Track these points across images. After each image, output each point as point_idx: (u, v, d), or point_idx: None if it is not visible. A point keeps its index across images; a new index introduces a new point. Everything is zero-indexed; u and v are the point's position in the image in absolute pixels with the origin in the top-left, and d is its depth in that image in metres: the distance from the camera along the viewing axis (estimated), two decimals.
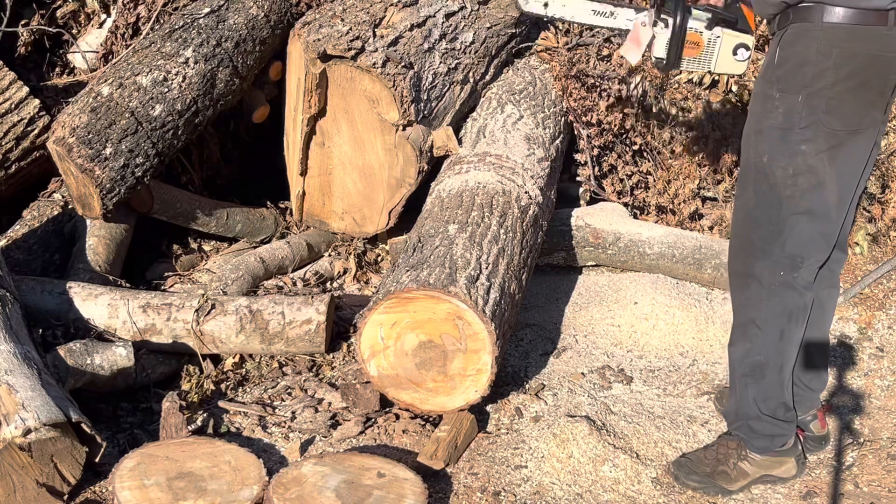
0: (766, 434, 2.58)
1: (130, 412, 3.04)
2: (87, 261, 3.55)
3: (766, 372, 2.52)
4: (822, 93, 2.28)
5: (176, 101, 3.59)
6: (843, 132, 2.31)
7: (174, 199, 3.85)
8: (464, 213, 3.18)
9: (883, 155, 3.81)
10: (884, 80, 2.31)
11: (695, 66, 2.62)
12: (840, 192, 2.40)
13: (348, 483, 2.44)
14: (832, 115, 2.29)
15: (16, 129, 3.78)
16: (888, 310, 3.54)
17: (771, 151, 2.37)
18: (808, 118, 2.30)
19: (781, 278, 2.44)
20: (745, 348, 2.55)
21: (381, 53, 3.54)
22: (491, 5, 4.11)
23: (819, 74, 2.27)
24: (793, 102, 2.32)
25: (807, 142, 2.32)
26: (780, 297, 2.46)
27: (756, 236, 2.46)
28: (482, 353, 2.75)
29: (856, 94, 2.29)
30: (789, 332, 2.49)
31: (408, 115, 3.56)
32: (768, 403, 2.55)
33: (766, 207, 2.42)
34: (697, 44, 2.58)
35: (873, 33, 2.24)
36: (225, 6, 3.87)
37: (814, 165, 2.33)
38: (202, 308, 3.18)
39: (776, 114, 2.35)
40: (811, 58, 2.27)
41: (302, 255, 3.93)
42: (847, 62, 2.26)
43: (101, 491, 2.61)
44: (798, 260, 2.42)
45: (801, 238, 2.40)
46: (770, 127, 2.38)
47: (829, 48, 2.25)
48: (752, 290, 2.49)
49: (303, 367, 3.25)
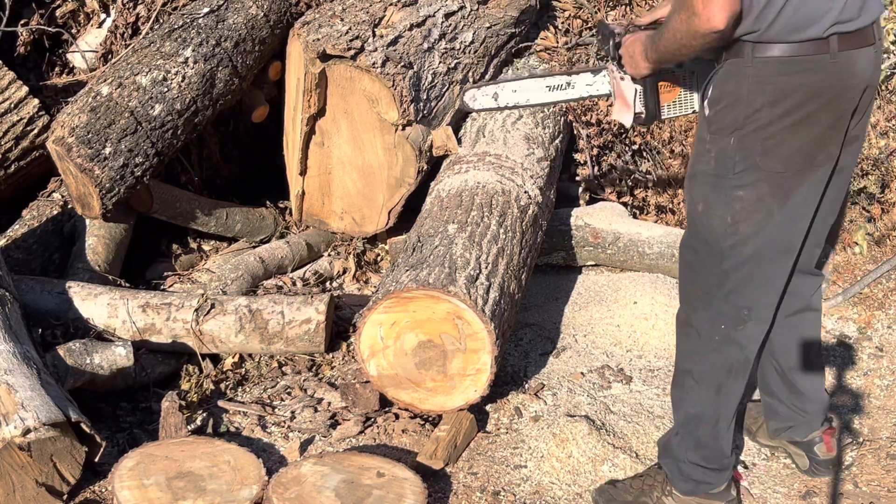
0: (692, 478, 2.45)
1: (130, 412, 3.04)
2: (86, 260, 3.55)
3: (699, 424, 2.38)
4: (757, 133, 2.07)
5: (175, 100, 3.59)
6: (788, 174, 2.10)
7: (174, 198, 3.85)
8: (463, 212, 3.18)
9: (883, 155, 3.81)
10: (835, 113, 2.09)
11: (678, 111, 2.44)
12: (794, 234, 2.21)
13: (348, 483, 2.43)
14: (770, 157, 2.08)
15: (15, 129, 3.78)
16: (888, 309, 3.54)
17: (705, 199, 2.18)
18: (742, 162, 2.10)
19: (723, 332, 2.27)
20: (680, 397, 2.42)
21: (380, 53, 3.54)
22: (490, 5, 4.11)
23: (751, 115, 2.06)
24: (724, 146, 2.11)
25: (744, 187, 2.11)
26: (719, 351, 2.29)
27: (696, 287, 2.29)
28: (482, 352, 2.75)
29: (797, 132, 2.07)
30: (728, 386, 2.34)
31: (407, 115, 3.56)
32: (700, 452, 2.41)
33: (706, 259, 2.22)
34: (672, 85, 2.41)
35: (813, 64, 2.03)
36: (224, 6, 3.87)
37: (756, 210, 2.13)
38: (202, 308, 3.18)
39: (707, 158, 2.15)
40: (742, 97, 2.06)
41: (301, 254, 3.93)
42: (784, 98, 2.04)
43: (100, 490, 2.61)
44: (744, 312, 2.24)
45: (748, 288, 2.22)
46: (702, 173, 2.18)
47: (762, 85, 2.04)
48: (691, 340, 2.34)
49: (302, 367, 3.25)
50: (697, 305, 2.30)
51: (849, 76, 2.06)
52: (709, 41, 2.03)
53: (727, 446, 2.44)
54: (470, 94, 2.74)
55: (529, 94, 2.66)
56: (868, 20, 2.08)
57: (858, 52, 2.06)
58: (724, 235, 2.17)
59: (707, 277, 2.24)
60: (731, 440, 2.45)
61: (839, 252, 3.85)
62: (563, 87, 2.62)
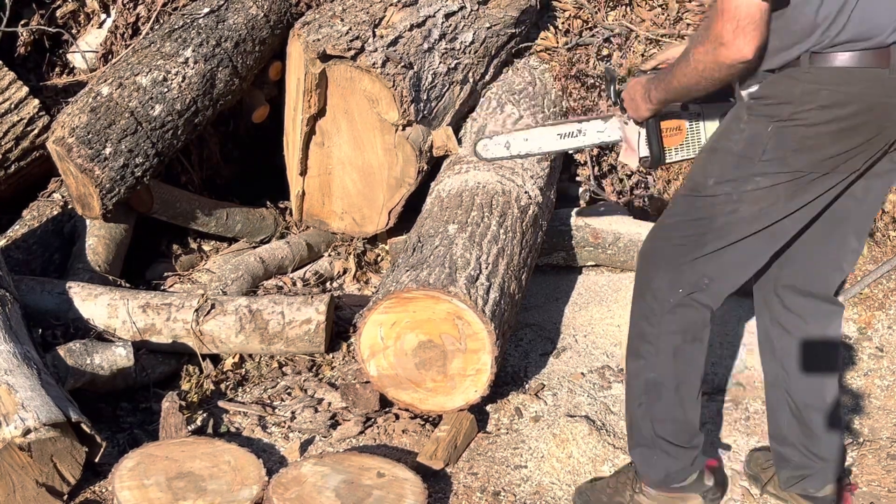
0: (661, 465, 2.37)
1: (130, 412, 3.04)
2: (86, 261, 3.55)
3: (661, 391, 2.31)
4: (797, 130, 2.03)
5: (175, 100, 3.59)
6: (811, 175, 2.08)
7: (174, 198, 3.85)
8: (463, 212, 3.18)
9: None
10: (877, 129, 2.04)
11: (685, 154, 2.42)
12: (786, 228, 2.18)
13: (348, 483, 2.43)
14: (802, 156, 2.05)
15: (15, 129, 3.78)
16: (888, 310, 3.54)
17: (720, 175, 2.13)
18: (772, 151, 2.06)
19: (679, 295, 2.23)
20: (636, 365, 2.35)
21: (380, 53, 3.54)
22: (491, 5, 4.11)
23: (799, 112, 2.03)
24: (760, 130, 2.07)
25: (765, 175, 2.08)
26: (674, 313, 2.25)
27: (668, 246, 2.24)
28: (482, 352, 2.75)
29: (838, 140, 2.04)
30: (684, 350, 2.28)
31: (407, 115, 3.56)
32: (665, 426, 2.34)
33: (693, 223, 2.19)
34: (679, 129, 2.38)
35: (872, 76, 1.99)
36: (224, 6, 3.87)
37: (765, 198, 2.11)
38: (202, 308, 3.18)
39: (739, 137, 2.11)
40: (795, 97, 2.03)
41: (302, 254, 3.93)
42: (836, 105, 2.00)
43: (100, 491, 2.61)
44: (704, 281, 2.21)
45: (718, 261, 2.19)
46: (725, 150, 2.14)
47: (818, 89, 2.00)
48: (647, 301, 2.29)
49: (302, 367, 3.25)
50: (661, 265, 2.25)
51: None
52: (734, 72, 2.01)
53: (694, 418, 2.36)
54: (482, 143, 2.74)
55: (541, 142, 2.67)
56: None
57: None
58: (723, 210, 2.14)
59: (684, 239, 2.20)
60: (699, 414, 2.37)
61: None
62: (575, 135, 2.62)
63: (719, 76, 2.03)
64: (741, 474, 2.69)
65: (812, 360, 2.39)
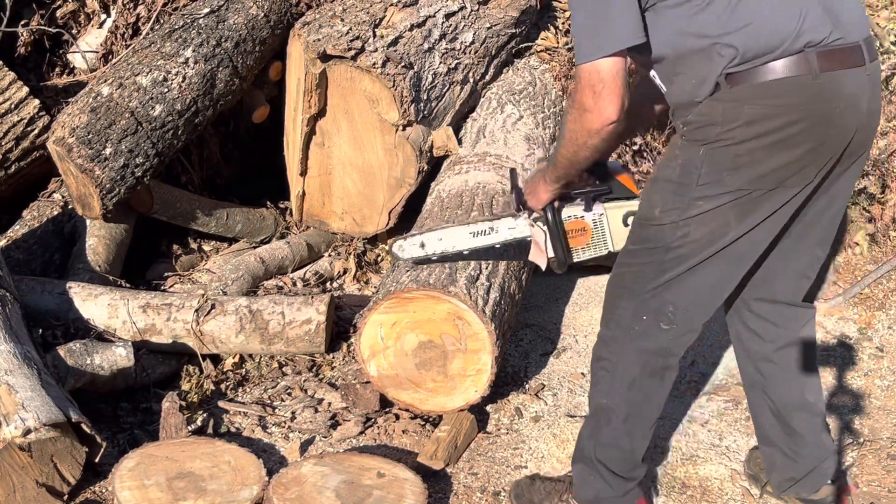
0: (593, 487, 2.36)
1: (130, 412, 3.04)
2: (86, 261, 3.55)
3: (610, 418, 2.29)
4: (728, 150, 2.00)
5: (176, 101, 3.59)
6: (755, 193, 2.04)
7: (174, 199, 3.85)
8: (464, 213, 3.18)
9: (883, 155, 3.81)
10: (818, 138, 2.00)
11: (593, 253, 2.43)
12: (747, 249, 2.14)
13: (348, 483, 2.44)
14: (739, 174, 2.02)
15: (16, 130, 3.78)
16: (888, 310, 3.54)
17: (663, 205, 2.11)
18: (708, 175, 2.03)
19: (644, 323, 2.19)
20: (594, 388, 2.33)
21: (380, 53, 3.54)
22: (491, 5, 4.11)
23: (724, 132, 2.00)
24: (693, 156, 2.05)
25: (706, 199, 2.05)
26: (636, 343, 2.22)
27: (629, 273, 2.21)
28: (482, 353, 2.75)
29: (774, 154, 2.00)
30: (641, 384, 2.24)
31: (408, 115, 3.56)
32: (607, 451, 2.32)
33: (649, 252, 2.16)
34: (584, 229, 2.40)
35: (793, 85, 1.96)
36: (225, 6, 3.87)
37: (713, 220, 2.07)
38: (202, 308, 3.18)
39: (674, 165, 2.09)
40: (717, 118, 2.00)
41: (302, 255, 3.93)
42: (762, 119, 1.98)
43: (100, 491, 2.61)
44: (669, 308, 2.17)
45: (680, 288, 2.15)
46: (664, 178, 2.12)
47: (739, 107, 1.98)
48: (610, 329, 2.26)
49: (303, 368, 3.25)
50: (623, 294, 2.22)
51: (833, 97, 1.99)
52: (606, 136, 2.03)
53: (639, 451, 2.33)
54: (398, 244, 2.78)
55: (455, 240, 2.69)
56: (851, 39, 2.00)
57: (844, 73, 1.99)
58: (674, 237, 2.11)
59: (643, 268, 2.17)
60: (645, 450, 2.34)
61: (839, 252, 3.85)
62: (487, 233, 2.63)
63: (594, 142, 2.06)
64: (741, 474, 2.69)
65: (788, 362, 2.37)
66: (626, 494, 2.37)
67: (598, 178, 2.38)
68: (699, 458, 2.77)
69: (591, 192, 2.37)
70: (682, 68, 2.03)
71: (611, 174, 2.39)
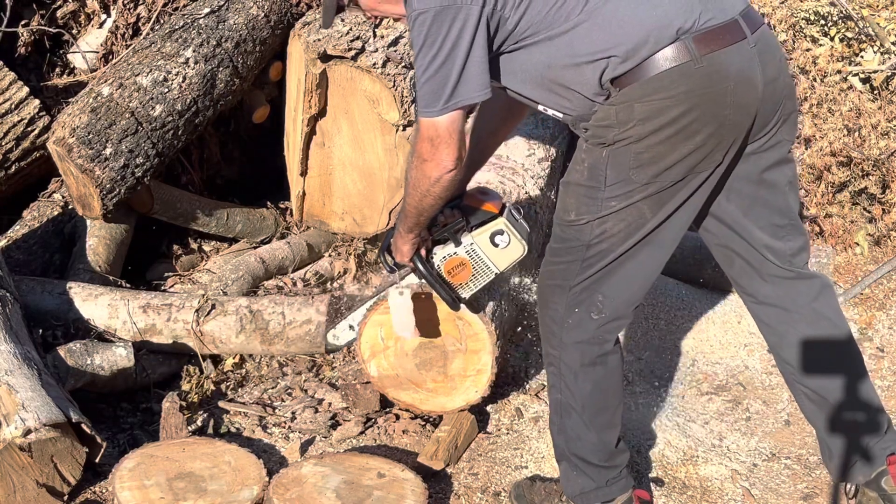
0: (576, 482, 2.37)
1: (130, 412, 3.04)
2: (87, 261, 3.55)
3: (570, 411, 2.32)
4: (629, 148, 2.04)
5: (176, 101, 3.59)
6: (667, 184, 2.06)
7: (174, 199, 3.85)
8: None
9: (883, 155, 3.80)
10: (716, 120, 2.01)
11: (481, 282, 2.50)
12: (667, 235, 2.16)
13: (348, 483, 2.44)
14: (644, 171, 2.04)
15: (16, 130, 3.78)
16: (888, 310, 3.54)
17: (577, 208, 2.15)
18: (614, 175, 2.07)
19: (576, 315, 2.23)
20: (548, 383, 2.38)
21: (381, 53, 3.54)
22: None
23: (622, 133, 2.03)
24: (597, 158, 2.09)
25: (616, 198, 2.09)
26: (571, 334, 2.25)
27: (557, 270, 2.24)
28: (482, 353, 2.75)
29: (676, 146, 2.01)
30: (585, 374, 2.27)
31: (408, 116, 3.56)
32: (576, 444, 2.34)
33: (571, 250, 2.20)
34: (462, 264, 2.45)
35: (675, 75, 1.97)
36: (225, 6, 3.87)
37: (628, 214, 2.10)
38: (202, 308, 3.18)
39: (581, 168, 2.13)
40: (613, 120, 2.04)
41: (302, 255, 3.93)
42: (654, 115, 2.00)
43: (101, 491, 2.61)
44: (598, 298, 2.20)
45: (607, 280, 2.18)
46: (575, 182, 2.15)
47: (630, 107, 2.01)
48: (547, 324, 2.31)
49: (303, 368, 3.25)
50: (555, 289, 2.25)
51: (721, 79, 1.99)
52: (445, 183, 2.12)
53: (609, 439, 2.34)
54: (331, 334, 2.86)
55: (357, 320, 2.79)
56: (725, 17, 2.01)
57: (726, 51, 1.99)
58: (592, 235, 2.15)
59: (569, 265, 2.21)
60: (616, 437, 2.35)
61: (840, 253, 3.85)
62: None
63: (435, 190, 2.13)
64: (741, 474, 2.69)
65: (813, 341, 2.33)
66: (610, 483, 2.38)
67: (461, 211, 2.43)
68: (699, 458, 2.77)
69: (451, 228, 2.42)
70: (566, 94, 2.08)
71: (468, 205, 2.45)
